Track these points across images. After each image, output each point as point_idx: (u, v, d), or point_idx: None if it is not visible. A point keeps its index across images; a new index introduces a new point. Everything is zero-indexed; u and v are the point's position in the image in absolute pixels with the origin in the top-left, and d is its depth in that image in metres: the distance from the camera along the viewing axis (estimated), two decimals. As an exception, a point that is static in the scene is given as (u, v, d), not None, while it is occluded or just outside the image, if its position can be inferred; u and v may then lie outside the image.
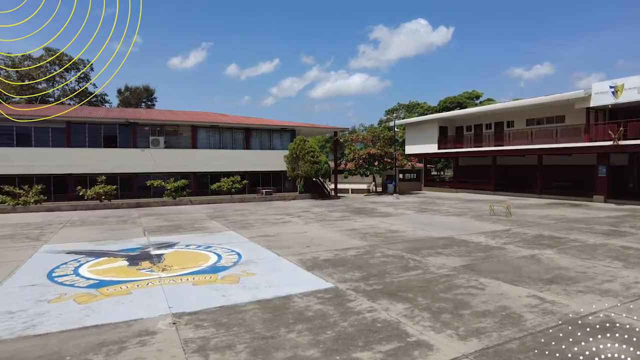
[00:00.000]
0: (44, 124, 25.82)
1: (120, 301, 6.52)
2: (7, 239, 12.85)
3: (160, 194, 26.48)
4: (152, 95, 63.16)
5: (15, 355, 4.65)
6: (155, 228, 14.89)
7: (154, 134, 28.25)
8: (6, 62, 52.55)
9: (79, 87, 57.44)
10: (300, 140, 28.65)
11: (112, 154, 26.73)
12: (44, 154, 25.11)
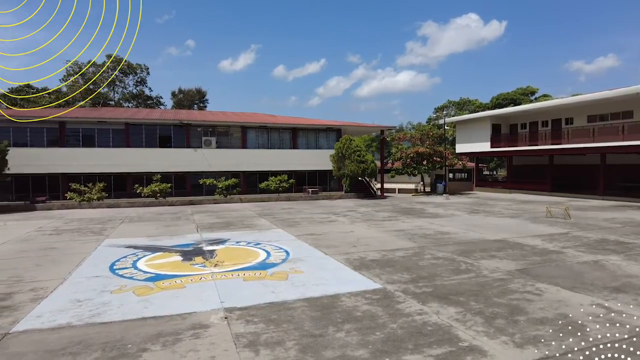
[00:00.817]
0: (106, 126, 27.59)
1: (175, 294, 6.82)
2: (75, 233, 13.84)
3: (211, 192, 27.44)
4: (204, 97, 65.57)
5: (84, 340, 4.99)
6: (208, 225, 15.45)
7: (206, 135, 29.31)
8: (74, 69, 56.58)
9: (137, 90, 60.71)
10: (346, 139, 28.60)
11: (167, 153, 28.04)
12: (106, 154, 26.80)
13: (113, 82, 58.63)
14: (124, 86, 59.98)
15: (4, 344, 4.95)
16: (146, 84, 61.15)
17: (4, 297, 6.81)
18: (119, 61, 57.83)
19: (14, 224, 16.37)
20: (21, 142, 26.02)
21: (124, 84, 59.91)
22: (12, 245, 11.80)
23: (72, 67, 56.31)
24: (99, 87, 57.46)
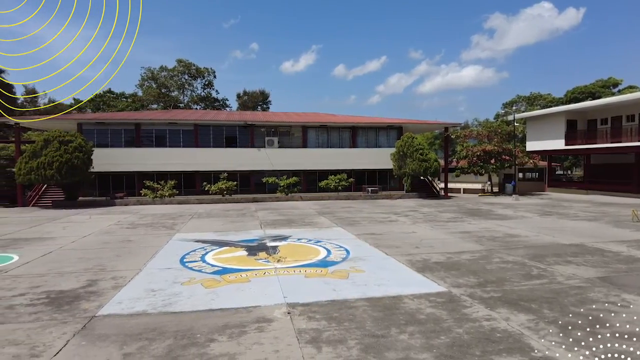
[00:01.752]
0: (177, 127, 29.33)
1: (240, 288, 7.07)
2: (149, 227, 14.86)
3: (274, 190, 28.17)
4: (267, 98, 67.52)
5: (158, 327, 5.33)
6: (270, 222, 15.87)
7: (269, 135, 30.15)
8: (147, 74, 60.75)
9: (205, 93, 63.87)
10: (408, 137, 28.00)
11: (232, 153, 29.23)
12: (176, 154, 28.50)
13: (183, 85, 62.16)
14: (193, 89, 63.37)
15: (91, 325, 5.43)
16: (213, 86, 64.18)
17: (91, 283, 7.48)
18: (188, 66, 61.26)
19: (97, 218, 17.92)
20: (103, 143, 28.42)
21: (193, 87, 63.30)
22: (96, 237, 12.91)
23: (146, 72, 60.50)
24: (169, 91, 61.24)
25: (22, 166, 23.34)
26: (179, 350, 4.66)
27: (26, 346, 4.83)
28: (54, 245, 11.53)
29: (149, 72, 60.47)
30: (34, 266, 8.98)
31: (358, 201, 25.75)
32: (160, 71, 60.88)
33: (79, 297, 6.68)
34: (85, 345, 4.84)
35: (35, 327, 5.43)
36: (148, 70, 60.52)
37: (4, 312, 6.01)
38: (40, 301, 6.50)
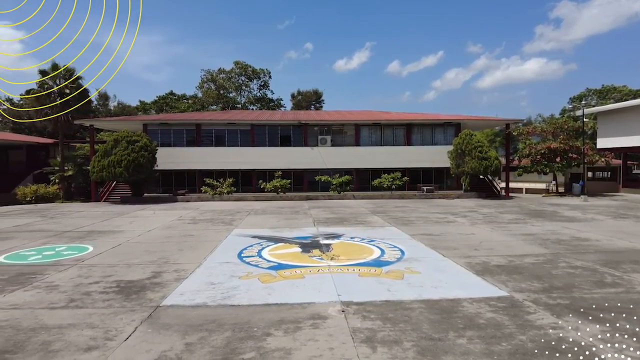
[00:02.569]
0: (234, 127, 30.37)
1: (295, 284, 7.17)
2: (208, 222, 15.50)
3: (326, 188, 28.34)
4: (320, 97, 68.04)
5: (217, 319, 5.54)
6: (323, 220, 15.97)
7: (322, 133, 30.37)
8: (206, 76, 63.37)
9: (260, 94, 65.57)
10: (466, 134, 26.98)
11: (286, 152, 29.80)
12: (234, 153, 29.53)
13: (240, 86, 64.21)
14: (249, 90, 65.27)
15: (156, 315, 5.75)
16: (268, 87, 65.72)
17: (155, 275, 7.93)
18: (244, 67, 63.13)
19: (161, 213, 18.99)
20: (166, 142, 30.06)
21: (249, 88, 65.20)
22: (160, 231, 13.67)
23: (206, 74, 63.12)
24: (227, 92, 63.49)
25: (95, 164, 25.27)
26: (236, 342, 4.80)
27: (101, 330, 5.21)
28: (122, 238, 12.37)
29: (208, 75, 63.11)
30: (105, 257, 9.68)
31: (413, 200, 25.22)
32: (218, 73, 63.34)
33: (145, 287, 7.11)
34: (151, 332, 5.13)
35: (108, 313, 5.85)
36: (207, 73, 63.21)
37: (82, 298, 6.54)
38: (112, 289, 7.00)
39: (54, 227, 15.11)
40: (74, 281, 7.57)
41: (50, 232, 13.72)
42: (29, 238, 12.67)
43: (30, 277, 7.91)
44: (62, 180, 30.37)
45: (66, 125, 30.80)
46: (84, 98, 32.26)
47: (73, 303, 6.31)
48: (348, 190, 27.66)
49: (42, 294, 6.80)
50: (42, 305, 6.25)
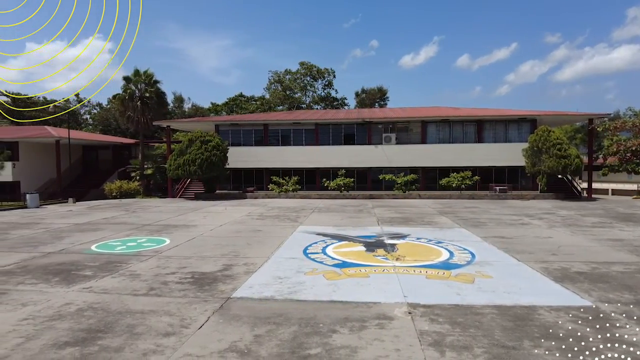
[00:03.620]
0: (299, 127, 30.95)
1: (360, 283, 7.14)
2: (275, 219, 15.95)
3: (390, 187, 27.93)
4: (384, 94, 67.17)
5: (284, 313, 5.67)
6: (387, 219, 15.75)
7: (386, 131, 29.96)
8: (273, 78, 65.19)
9: (325, 93, 66.16)
10: (543, 130, 25.16)
11: (350, 150, 29.80)
12: (299, 152, 30.11)
13: (305, 87, 65.27)
14: (314, 90, 66.12)
15: (227, 306, 6.02)
16: (332, 86, 66.11)
17: (226, 267, 8.31)
18: (309, 67, 64.05)
19: (231, 209, 19.87)
20: (236, 142, 31.37)
21: (314, 88, 66.04)
22: (230, 226, 14.31)
23: (273, 76, 64.95)
24: (293, 92, 64.84)
25: (172, 163, 27.05)
26: (303, 337, 4.88)
27: (177, 317, 5.56)
28: (196, 232, 13.12)
29: (275, 76, 64.90)
30: (181, 249, 10.33)
31: (484, 201, 24.04)
32: (285, 74, 64.89)
33: (216, 279, 7.47)
34: (222, 323, 5.38)
35: (183, 302, 6.23)
36: (274, 74, 65.01)
37: (161, 287, 7.03)
38: (187, 280, 7.44)
39: (136, 220, 16.41)
40: (153, 271, 8.16)
41: (133, 225, 14.92)
42: (115, 230, 13.88)
43: (117, 265, 8.66)
44: (142, 178, 32.87)
45: (146, 126, 33.27)
46: (162, 101, 34.71)
47: (153, 291, 6.80)
48: (413, 190, 27.04)
49: (127, 281, 7.41)
50: (127, 291, 6.81)
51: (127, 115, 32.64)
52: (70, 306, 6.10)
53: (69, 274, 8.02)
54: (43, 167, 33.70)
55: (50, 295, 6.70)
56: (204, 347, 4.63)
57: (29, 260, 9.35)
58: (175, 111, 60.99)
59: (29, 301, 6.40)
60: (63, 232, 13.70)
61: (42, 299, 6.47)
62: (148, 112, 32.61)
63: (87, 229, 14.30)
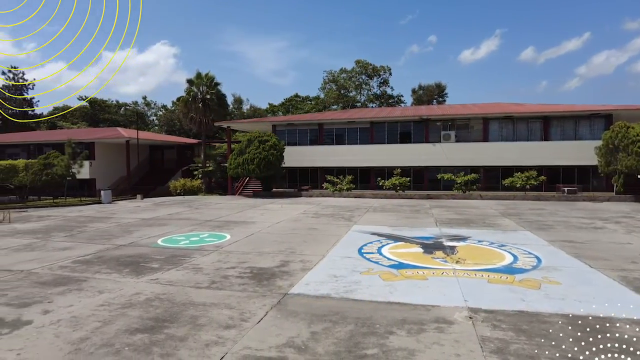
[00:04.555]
0: (354, 126, 30.85)
1: (417, 285, 6.97)
2: (329, 217, 16.03)
3: (449, 187, 27.03)
4: (443, 91, 65.15)
5: (340, 312, 5.68)
6: (446, 220, 15.26)
7: (445, 129, 29.02)
8: (328, 77, 65.46)
9: (380, 91, 65.40)
10: (620, 127, 23.08)
11: (406, 149, 29.21)
12: (353, 150, 30.02)
13: (360, 85, 64.94)
14: (369, 88, 65.58)
15: (284, 302, 6.14)
16: (388, 84, 65.18)
17: (283, 264, 8.48)
18: (365, 65, 63.63)
19: (287, 207, 20.25)
20: (292, 141, 31.90)
21: (369, 86, 65.50)
22: (286, 223, 14.57)
23: (328, 75, 65.27)
24: (348, 91, 64.78)
25: (232, 162, 28.07)
26: (359, 337, 4.86)
27: (237, 311, 5.76)
28: (254, 228, 13.51)
29: (330, 75, 65.15)
30: (240, 245, 10.68)
31: (551, 202, 22.57)
32: (340, 73, 64.96)
33: (274, 275, 7.64)
34: (280, 318, 5.49)
35: (243, 296, 6.43)
36: (329, 74, 65.28)
37: (222, 281, 7.32)
38: (246, 275, 7.68)
39: (198, 216, 17.21)
40: (214, 265, 8.51)
41: (195, 221, 15.66)
42: (179, 225, 14.64)
43: (181, 259, 9.13)
44: (204, 176, 34.37)
45: (208, 127, 34.76)
46: (223, 103, 36.09)
47: (214, 285, 7.09)
48: (474, 190, 25.97)
49: (190, 274, 7.79)
50: (190, 284, 7.16)
51: (190, 116, 34.27)
52: (140, 296, 6.52)
53: (138, 266, 8.58)
54: (115, 166, 36.30)
55: (122, 284, 7.20)
56: (263, 341, 4.75)
57: (104, 252, 10.13)
58: (235, 112, 63.16)
59: (105, 289, 6.92)
60: (132, 226, 14.69)
61: (115, 288, 6.98)
62: (209, 114, 34.03)
63: (153, 223, 15.22)
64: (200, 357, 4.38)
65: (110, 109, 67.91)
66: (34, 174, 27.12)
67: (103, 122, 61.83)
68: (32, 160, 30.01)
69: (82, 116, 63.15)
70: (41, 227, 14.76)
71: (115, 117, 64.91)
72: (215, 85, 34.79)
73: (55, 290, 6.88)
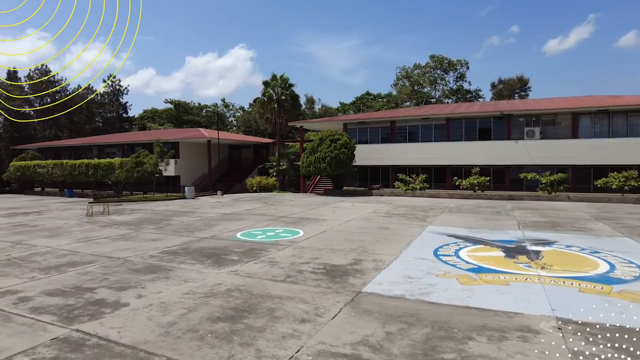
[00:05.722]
0: (428, 122, 29.90)
1: (498, 290, 6.58)
2: (402, 217, 15.71)
3: (533, 187, 25.21)
4: (526, 84, 60.85)
5: (415, 314, 5.54)
6: (530, 223, 14.23)
7: (529, 125, 27.06)
8: (401, 73, 64.18)
9: (456, 86, 62.77)
10: None
11: (485, 146, 27.68)
12: (428, 148, 29.09)
13: (435, 80, 62.86)
14: (445, 83, 63.23)
15: (358, 299, 6.13)
16: (465, 78, 62.36)
17: (356, 262, 8.47)
18: (440, 60, 61.44)
19: (358, 205, 20.21)
20: (363, 140, 31.75)
21: (445, 81, 63.14)
22: (358, 222, 14.55)
23: (401, 72, 64.01)
24: (422, 87, 63.02)
25: (304, 160, 28.65)
26: (436, 340, 4.70)
27: (311, 306, 5.86)
28: (326, 225, 13.66)
29: (403, 71, 63.86)
30: (313, 241, 10.86)
31: (653, 206, 20.09)
32: (414, 69, 63.41)
33: (347, 272, 7.66)
34: (354, 315, 5.49)
35: (317, 291, 6.53)
36: (402, 70, 64.01)
37: (296, 275, 7.50)
38: (319, 271, 7.79)
39: (273, 212, 17.81)
40: (289, 260, 8.75)
41: (271, 217, 16.22)
42: (256, 220, 15.26)
43: (258, 252, 9.51)
44: (278, 174, 35.47)
45: (282, 127, 35.83)
46: (296, 103, 36.97)
47: (289, 279, 7.29)
48: (561, 191, 23.93)
49: (267, 268, 8.08)
50: (267, 277, 7.43)
51: (265, 117, 35.57)
52: (221, 286, 6.89)
53: (218, 258, 9.08)
54: (197, 164, 38.77)
55: (205, 274, 7.67)
56: (337, 338, 4.78)
57: (188, 243, 10.87)
58: (307, 112, 64.38)
59: (189, 278, 7.43)
60: (213, 220, 15.59)
61: (198, 278, 7.46)
62: (283, 114, 35.07)
63: (232, 218, 16.03)
64: (277, 349, 4.52)
65: (193, 111, 72.72)
66: (127, 171, 29.92)
67: (186, 123, 66.43)
68: (125, 159, 33.08)
69: (167, 118, 68.40)
70: (133, 220, 16.23)
71: (197, 119, 69.40)
72: (289, 86, 35.72)
73: (147, 277, 7.51)
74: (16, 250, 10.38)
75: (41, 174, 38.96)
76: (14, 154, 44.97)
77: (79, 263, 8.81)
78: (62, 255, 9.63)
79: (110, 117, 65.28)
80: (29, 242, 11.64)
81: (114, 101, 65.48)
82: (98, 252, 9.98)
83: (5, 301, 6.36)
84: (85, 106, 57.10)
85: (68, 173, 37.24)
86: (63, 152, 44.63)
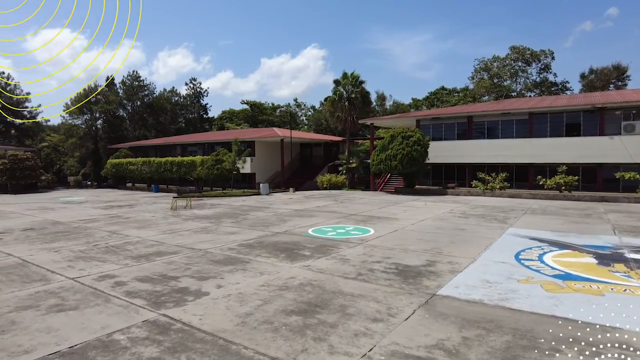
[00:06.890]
0: (509, 117, 28.09)
1: (590, 300, 6.01)
2: (480, 218, 14.95)
3: (632, 188, 22.63)
4: (623, 73, 54.75)
5: (495, 320, 5.24)
6: (628, 228, 12.80)
7: (627, 119, 24.31)
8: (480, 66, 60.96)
9: (540, 78, 58.26)
10: None
11: (574, 143, 25.38)
12: (508, 145, 27.31)
13: (516, 73, 58.90)
14: (526, 76, 58.99)
15: (432, 302, 5.95)
16: (550, 70, 57.68)
17: (429, 263, 8.22)
18: (522, 51, 57.38)
19: (431, 205, 19.59)
20: (437, 136, 30.66)
21: (527, 73, 58.91)
22: (431, 222, 14.10)
23: (479, 64, 60.82)
24: (501, 80, 59.37)
25: (375, 158, 28.39)
26: (518, 349, 4.41)
27: (384, 305, 5.79)
28: (397, 224, 13.42)
29: (482, 64, 60.66)
30: (384, 240, 10.73)
31: None
32: (492, 61, 59.99)
33: (420, 273, 7.46)
34: (428, 318, 5.33)
35: (389, 291, 6.44)
36: (481, 62, 60.82)
37: (367, 274, 7.46)
38: (391, 270, 7.68)
39: (343, 210, 17.88)
40: (360, 257, 8.73)
41: (341, 214, 16.30)
42: (327, 217, 15.44)
43: (329, 249, 9.61)
44: (348, 172, 35.54)
45: (352, 124, 35.83)
46: (367, 100, 36.77)
47: (361, 277, 7.27)
48: (666, 192, 21.25)
49: (338, 264, 8.14)
50: (339, 273, 7.47)
51: (336, 115, 35.79)
52: (294, 280, 7.07)
53: (291, 252, 9.33)
54: (271, 162, 40.14)
55: (279, 268, 7.92)
56: (411, 339, 4.68)
57: (263, 237, 11.30)
58: (378, 109, 63.67)
59: (265, 271, 7.71)
60: (286, 216, 16.04)
61: (273, 271, 7.72)
62: (354, 112, 35.04)
63: (304, 214, 16.37)
64: (349, 346, 4.53)
65: (267, 111, 75.40)
66: (207, 168, 31.82)
67: (261, 123, 69.08)
68: (206, 157, 35.22)
69: (244, 118, 71.62)
70: (213, 214, 17.22)
71: (271, 118, 71.85)
72: (360, 83, 35.58)
73: (225, 269, 7.93)
74: (112, 239, 11.52)
75: (132, 170, 42.93)
76: (110, 152, 50.09)
77: (164, 253, 9.56)
78: (151, 245, 10.51)
79: (191, 117, 69.87)
80: (123, 232, 12.87)
81: (195, 103, 70.01)
82: (181, 243, 10.75)
83: (105, 284, 7.08)
84: (170, 108, 61.75)
85: (155, 170, 40.58)
86: (150, 151, 48.64)
